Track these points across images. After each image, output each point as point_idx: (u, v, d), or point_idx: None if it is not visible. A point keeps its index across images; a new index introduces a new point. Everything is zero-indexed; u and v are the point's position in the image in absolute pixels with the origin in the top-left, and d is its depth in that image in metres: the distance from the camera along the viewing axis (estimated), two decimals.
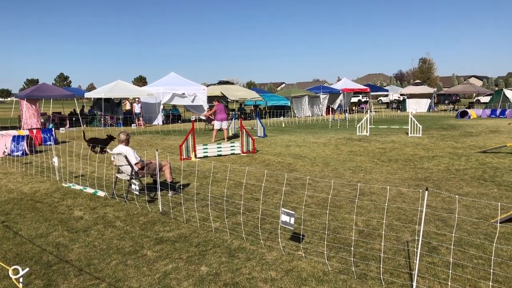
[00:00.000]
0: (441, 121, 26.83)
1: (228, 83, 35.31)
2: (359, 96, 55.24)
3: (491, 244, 4.94)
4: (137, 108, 26.97)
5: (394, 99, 52.70)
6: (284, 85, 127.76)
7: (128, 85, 27.32)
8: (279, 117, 31.22)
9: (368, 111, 23.40)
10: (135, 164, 7.40)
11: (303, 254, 4.81)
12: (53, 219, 6.41)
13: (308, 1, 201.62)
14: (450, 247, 4.91)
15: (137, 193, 6.91)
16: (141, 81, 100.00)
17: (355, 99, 51.52)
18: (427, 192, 3.79)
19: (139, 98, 27.09)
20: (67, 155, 12.67)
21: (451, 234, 5.31)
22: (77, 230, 5.85)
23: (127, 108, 30.89)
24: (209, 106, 26.13)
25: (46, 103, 34.11)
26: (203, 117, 22.89)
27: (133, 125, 24.95)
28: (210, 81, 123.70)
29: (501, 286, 3.98)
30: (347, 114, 31.24)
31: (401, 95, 51.79)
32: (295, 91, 37.78)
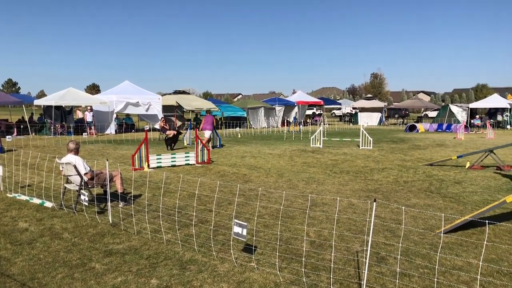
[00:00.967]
0: (391, 134, 27.76)
1: (184, 92, 35.10)
2: (313, 109, 56.25)
3: (436, 254, 5.13)
4: (88, 117, 26.20)
5: (347, 112, 54.03)
6: (240, 96, 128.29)
7: (80, 93, 26.57)
8: (235, 128, 31.27)
9: (321, 123, 23.86)
10: (85, 174, 7.18)
11: (256, 265, 4.81)
12: None
13: (264, 14, 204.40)
14: (397, 257, 5.06)
15: (87, 204, 6.68)
16: (94, 89, 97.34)
17: (309, 112, 52.43)
18: (375, 203, 3.90)
19: (91, 106, 26.37)
20: (13, 164, 12.10)
21: (398, 244, 5.47)
22: (21, 243, 5.58)
23: (78, 117, 29.99)
24: (163, 116, 25.82)
25: None
26: (157, 126, 22.56)
27: (84, 134, 24.23)
28: (166, 90, 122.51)
29: None
30: (301, 126, 31.72)
31: (353, 108, 53.18)
32: (252, 102, 38.04)
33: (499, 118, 37.15)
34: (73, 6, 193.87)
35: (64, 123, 24.96)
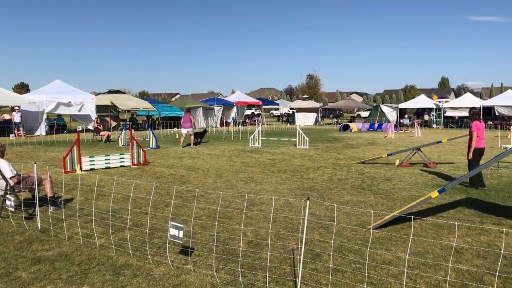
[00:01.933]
0: (326, 134, 28.60)
1: (119, 92, 34.09)
2: (252, 109, 56.72)
3: (368, 249, 5.35)
4: (16, 117, 24.74)
5: (284, 113, 55.02)
6: (178, 96, 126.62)
7: (6, 92, 25.12)
8: (173, 128, 30.82)
9: (260, 123, 24.11)
10: (11, 178, 6.78)
11: (192, 267, 4.77)
12: None
13: (202, 13, 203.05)
14: (331, 253, 5.22)
15: (13, 209, 6.31)
16: (22, 88, 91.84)
17: (248, 112, 52.80)
18: (308, 201, 4.00)
19: (19, 106, 24.92)
20: None
21: (332, 241, 5.65)
22: None
23: (5, 118, 28.23)
24: (97, 116, 24.96)
25: None
26: (91, 127, 21.75)
27: (11, 135, 22.88)
28: (100, 90, 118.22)
29: None
30: (240, 126, 31.87)
31: (290, 109, 54.22)
32: (190, 102, 37.71)
33: (426, 117, 39.47)
34: None
35: None
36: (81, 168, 11.36)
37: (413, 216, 5.59)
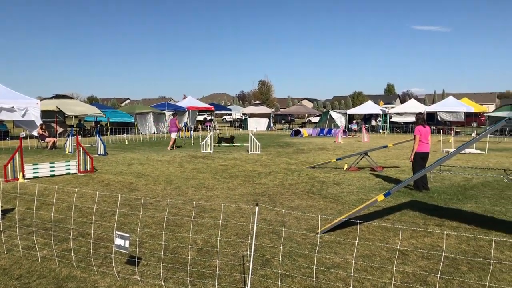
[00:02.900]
0: (278, 139, 28.88)
1: (65, 97, 32.94)
2: (204, 114, 56.40)
3: (316, 254, 5.41)
4: None
5: (237, 118, 55.08)
6: (128, 101, 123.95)
7: None
8: (122, 134, 30.08)
9: (212, 129, 24.00)
10: None
11: (139, 278, 4.64)
12: None
13: (154, 19, 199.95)
14: (281, 259, 5.24)
15: None
16: None
17: (200, 117, 52.46)
18: (257, 207, 4.00)
19: None
20: None
21: (282, 247, 5.68)
22: None
23: None
24: (42, 122, 23.94)
25: None
26: (35, 133, 20.84)
27: None
28: (46, 94, 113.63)
29: None
30: (192, 132, 31.57)
31: (243, 114, 54.40)
32: (140, 107, 36.95)
33: (373, 123, 40.77)
34: None
35: None
36: (23, 176, 10.84)
37: (358, 220, 5.72)
